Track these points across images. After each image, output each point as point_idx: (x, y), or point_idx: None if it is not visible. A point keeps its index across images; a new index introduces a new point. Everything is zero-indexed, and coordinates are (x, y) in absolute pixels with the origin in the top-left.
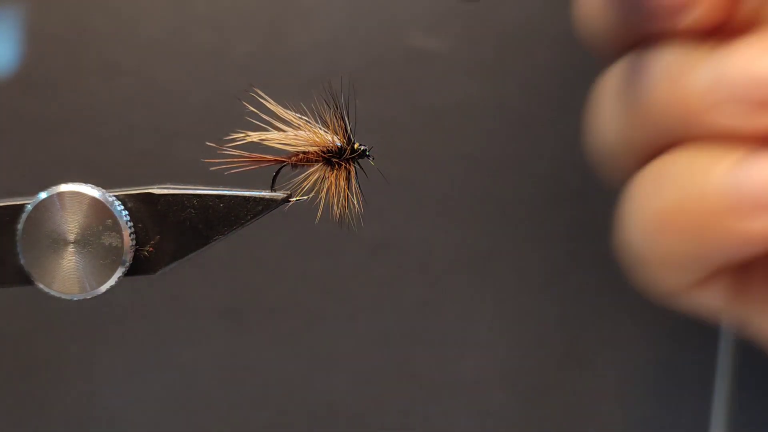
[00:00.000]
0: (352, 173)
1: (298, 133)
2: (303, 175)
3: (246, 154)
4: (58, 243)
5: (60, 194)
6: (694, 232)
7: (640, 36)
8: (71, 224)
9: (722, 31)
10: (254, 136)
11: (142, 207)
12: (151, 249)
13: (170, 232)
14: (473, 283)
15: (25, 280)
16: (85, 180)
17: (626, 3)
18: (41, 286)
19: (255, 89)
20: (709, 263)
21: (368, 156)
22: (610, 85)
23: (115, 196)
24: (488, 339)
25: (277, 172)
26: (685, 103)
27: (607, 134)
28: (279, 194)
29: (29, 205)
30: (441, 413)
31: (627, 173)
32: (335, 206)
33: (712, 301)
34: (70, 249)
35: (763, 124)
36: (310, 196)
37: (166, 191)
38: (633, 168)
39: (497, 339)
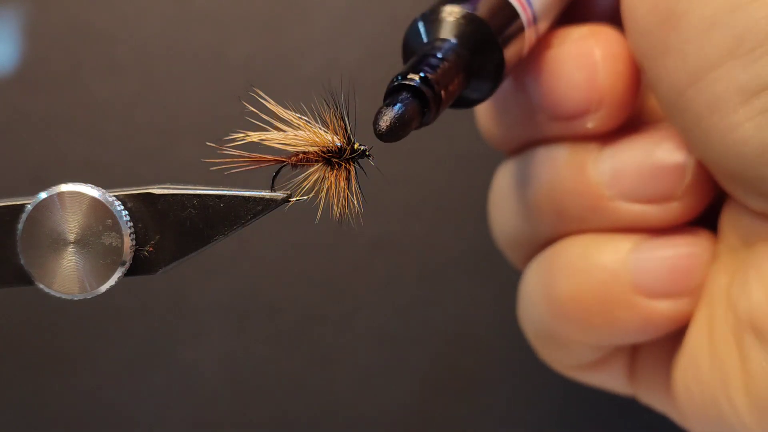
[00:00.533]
0: (352, 173)
1: (298, 133)
2: (303, 175)
3: (246, 154)
4: (58, 243)
5: (60, 194)
6: (591, 317)
7: (533, 138)
8: (71, 224)
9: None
10: (254, 136)
11: (142, 207)
12: (151, 249)
13: (170, 232)
14: (472, 281)
15: (25, 280)
16: (85, 180)
17: (517, 112)
18: (41, 286)
19: (255, 89)
20: (603, 347)
21: (368, 156)
22: (506, 180)
23: (115, 196)
24: (487, 336)
25: (277, 172)
26: (585, 195)
27: (505, 224)
28: (279, 194)
29: (29, 205)
30: (441, 410)
31: (525, 260)
32: (335, 206)
33: (607, 379)
34: (70, 249)
35: (660, 213)
36: (310, 196)
37: (166, 191)
38: (530, 256)
39: (496, 336)
